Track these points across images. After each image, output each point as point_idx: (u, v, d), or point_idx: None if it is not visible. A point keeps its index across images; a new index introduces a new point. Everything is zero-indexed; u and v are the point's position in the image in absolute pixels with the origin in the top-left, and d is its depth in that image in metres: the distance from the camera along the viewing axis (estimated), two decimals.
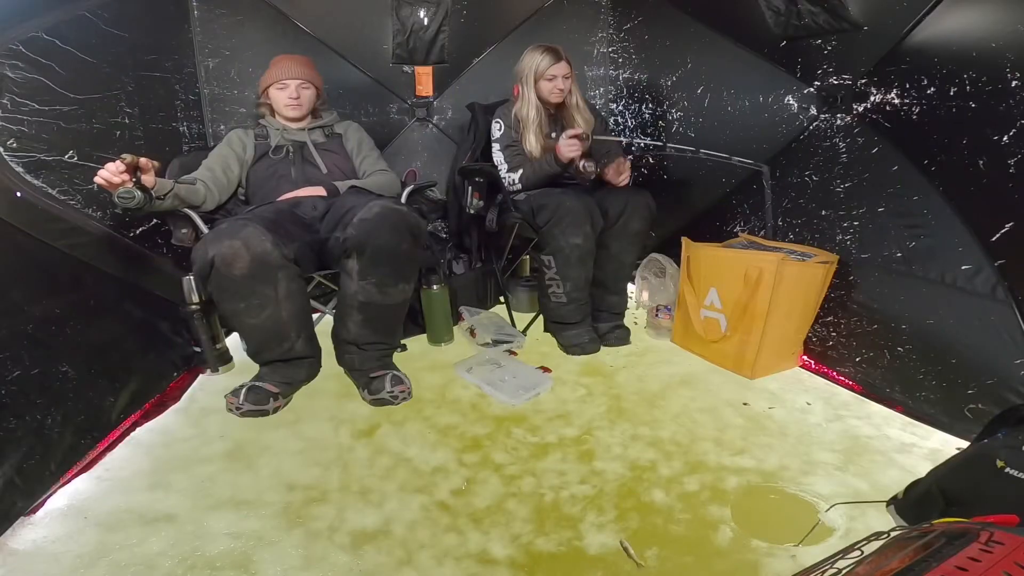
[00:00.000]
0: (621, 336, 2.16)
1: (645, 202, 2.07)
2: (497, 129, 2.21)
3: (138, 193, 1.42)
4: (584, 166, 1.96)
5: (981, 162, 1.41)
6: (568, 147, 1.95)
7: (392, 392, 1.69)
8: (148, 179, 1.47)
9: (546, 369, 1.93)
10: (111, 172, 1.39)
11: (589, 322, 2.12)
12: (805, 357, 1.96)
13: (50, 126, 1.44)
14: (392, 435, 1.56)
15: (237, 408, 1.62)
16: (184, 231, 1.74)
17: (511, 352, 2.07)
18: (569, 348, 2.07)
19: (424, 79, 2.62)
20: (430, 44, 2.55)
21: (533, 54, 2.10)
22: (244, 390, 1.64)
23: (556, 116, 2.21)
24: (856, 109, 1.72)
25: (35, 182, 1.39)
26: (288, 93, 1.98)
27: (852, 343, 1.79)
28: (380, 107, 2.63)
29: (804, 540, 1.16)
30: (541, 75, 2.09)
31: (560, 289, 2.05)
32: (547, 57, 2.07)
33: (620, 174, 2.10)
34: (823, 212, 1.85)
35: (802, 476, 1.38)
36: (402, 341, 2.09)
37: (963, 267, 1.47)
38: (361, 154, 2.11)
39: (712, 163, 2.26)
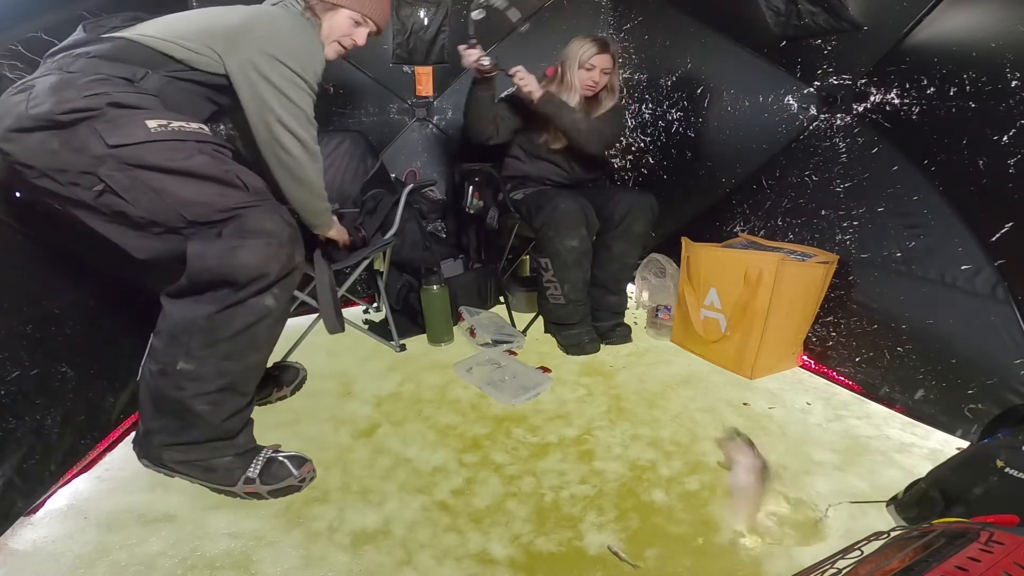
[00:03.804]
0: (623, 334, 2.16)
1: (649, 204, 2.07)
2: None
3: None
4: (481, 61, 1.92)
5: (981, 162, 1.41)
6: (467, 56, 1.93)
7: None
8: None
9: (546, 369, 1.93)
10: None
11: (588, 322, 2.12)
12: (805, 357, 1.96)
13: None
14: (392, 435, 1.56)
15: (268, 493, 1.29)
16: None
17: (511, 352, 2.07)
18: (569, 348, 2.07)
19: (424, 79, 2.62)
20: (430, 44, 2.55)
21: (582, 41, 2.03)
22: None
23: (586, 107, 2.12)
24: (856, 109, 1.72)
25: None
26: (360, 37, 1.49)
27: (852, 343, 1.79)
28: (380, 107, 2.63)
29: (804, 540, 1.16)
30: (583, 63, 2.02)
31: (558, 291, 2.05)
32: (593, 46, 2.01)
33: (521, 80, 1.99)
34: (823, 212, 1.85)
35: (802, 476, 1.38)
36: (402, 341, 2.10)
37: (963, 267, 1.48)
38: None
39: (712, 163, 2.26)
